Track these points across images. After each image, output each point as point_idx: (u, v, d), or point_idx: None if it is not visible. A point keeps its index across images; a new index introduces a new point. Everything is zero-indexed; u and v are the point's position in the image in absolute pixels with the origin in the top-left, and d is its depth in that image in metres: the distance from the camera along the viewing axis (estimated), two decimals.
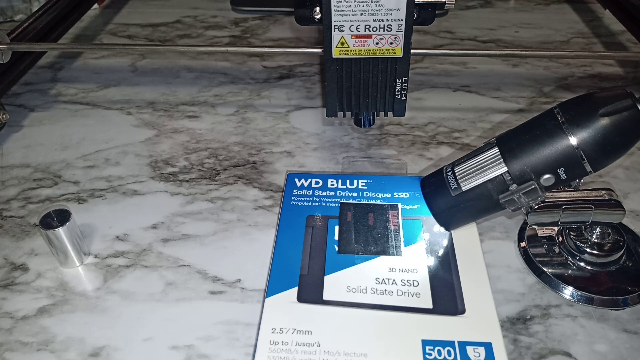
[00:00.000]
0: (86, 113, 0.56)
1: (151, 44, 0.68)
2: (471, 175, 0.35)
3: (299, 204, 0.40)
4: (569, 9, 0.76)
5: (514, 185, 0.33)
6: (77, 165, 0.49)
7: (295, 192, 0.41)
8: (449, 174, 0.36)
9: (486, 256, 0.36)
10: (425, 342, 0.30)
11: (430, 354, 0.30)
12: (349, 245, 0.37)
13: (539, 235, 0.39)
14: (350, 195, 0.40)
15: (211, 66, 0.63)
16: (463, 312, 0.32)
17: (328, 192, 0.41)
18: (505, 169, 0.33)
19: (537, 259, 0.37)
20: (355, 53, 0.39)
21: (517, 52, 0.53)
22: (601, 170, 0.33)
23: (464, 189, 0.35)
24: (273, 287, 0.34)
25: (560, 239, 0.38)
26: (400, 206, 0.39)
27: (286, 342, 0.31)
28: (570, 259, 0.37)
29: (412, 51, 0.39)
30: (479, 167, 0.34)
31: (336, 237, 0.37)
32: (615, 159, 0.32)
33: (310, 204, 0.40)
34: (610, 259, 0.36)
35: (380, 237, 0.37)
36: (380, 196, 0.40)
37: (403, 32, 0.38)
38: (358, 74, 0.40)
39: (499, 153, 0.34)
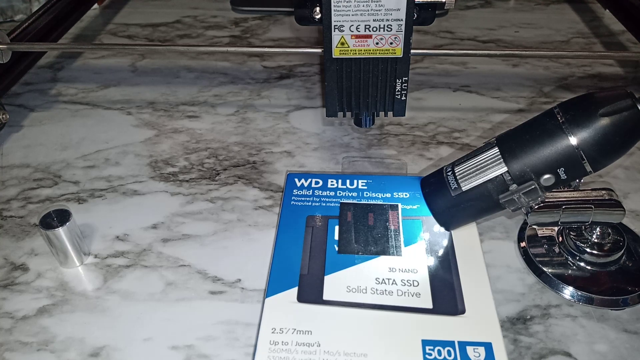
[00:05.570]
0: (86, 113, 0.56)
1: (151, 44, 0.68)
2: (471, 175, 0.34)
3: (299, 204, 0.40)
4: (569, 9, 0.76)
5: (514, 185, 0.33)
6: (77, 165, 0.49)
7: (295, 192, 0.41)
8: (449, 174, 0.36)
9: (486, 256, 0.36)
10: (425, 342, 0.30)
11: (430, 354, 0.30)
12: (349, 245, 0.37)
13: (539, 235, 0.39)
14: (350, 195, 0.40)
15: (211, 66, 0.63)
16: (463, 312, 0.32)
17: (328, 192, 0.41)
18: (505, 169, 0.33)
19: (537, 259, 0.37)
20: (355, 53, 0.39)
21: (517, 52, 0.53)
22: (601, 170, 0.33)
23: (464, 189, 0.35)
24: (273, 287, 0.34)
25: (560, 239, 0.38)
26: (400, 206, 0.39)
27: (286, 342, 0.31)
28: (570, 259, 0.37)
29: (412, 51, 0.39)
30: (479, 167, 0.34)
31: (336, 237, 0.37)
32: (615, 159, 0.32)
33: (310, 204, 0.40)
34: (610, 259, 0.36)
35: (380, 237, 0.37)
36: (380, 196, 0.40)
37: (403, 32, 0.38)
38: (358, 74, 0.40)
39: (499, 153, 0.34)
